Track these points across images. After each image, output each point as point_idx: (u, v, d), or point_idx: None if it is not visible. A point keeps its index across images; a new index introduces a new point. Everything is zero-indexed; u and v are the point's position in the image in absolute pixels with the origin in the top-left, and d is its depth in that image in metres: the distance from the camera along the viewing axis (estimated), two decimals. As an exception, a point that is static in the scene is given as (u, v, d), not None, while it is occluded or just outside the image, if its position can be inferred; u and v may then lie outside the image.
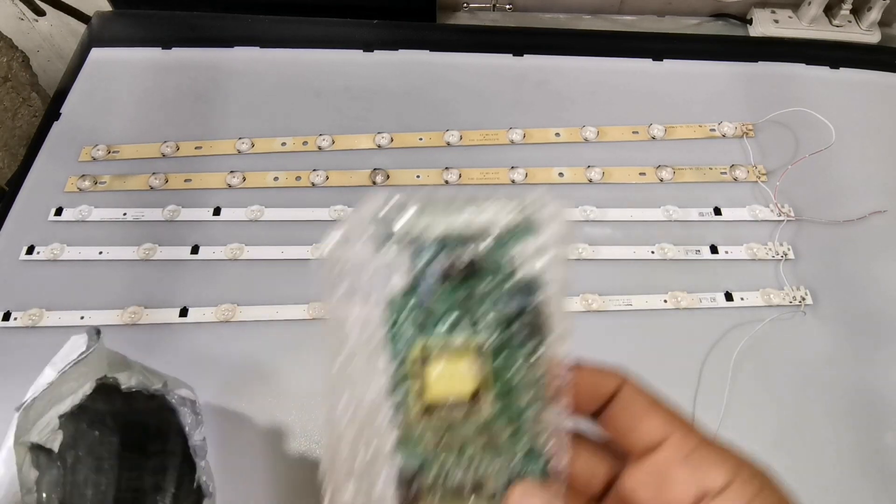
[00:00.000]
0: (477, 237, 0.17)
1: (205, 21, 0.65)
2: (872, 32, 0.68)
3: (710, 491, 0.15)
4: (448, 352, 0.17)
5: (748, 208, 0.53)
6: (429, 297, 0.17)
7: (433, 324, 0.17)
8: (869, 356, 0.47)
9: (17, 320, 0.46)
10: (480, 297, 0.17)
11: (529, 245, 0.17)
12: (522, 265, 0.17)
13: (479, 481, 0.17)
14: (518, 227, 0.17)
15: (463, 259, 0.17)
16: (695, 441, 0.17)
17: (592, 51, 0.63)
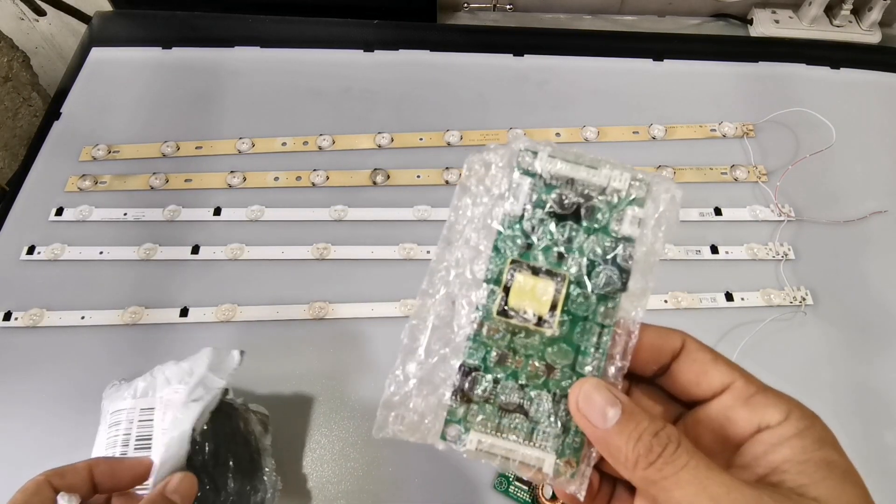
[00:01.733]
0: (593, 191, 0.20)
1: (205, 21, 0.65)
2: (873, 32, 0.68)
3: (769, 425, 0.18)
4: (536, 272, 0.20)
5: (748, 208, 0.53)
6: (537, 222, 0.20)
7: (531, 245, 0.20)
8: (869, 356, 0.47)
9: (17, 320, 0.46)
10: (578, 240, 0.20)
11: (634, 213, 0.20)
12: (622, 226, 0.20)
13: (524, 405, 0.19)
14: (629, 195, 0.20)
15: (573, 203, 0.20)
16: (754, 387, 0.19)
17: (593, 51, 0.63)
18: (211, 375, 0.36)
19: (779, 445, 0.18)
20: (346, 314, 0.47)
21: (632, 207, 0.20)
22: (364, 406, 0.44)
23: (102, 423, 0.39)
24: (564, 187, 0.20)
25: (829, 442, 0.18)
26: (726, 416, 0.19)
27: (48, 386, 0.44)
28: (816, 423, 0.18)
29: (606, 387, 0.19)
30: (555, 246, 0.20)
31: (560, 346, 0.20)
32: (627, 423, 0.18)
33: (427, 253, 0.50)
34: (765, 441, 0.18)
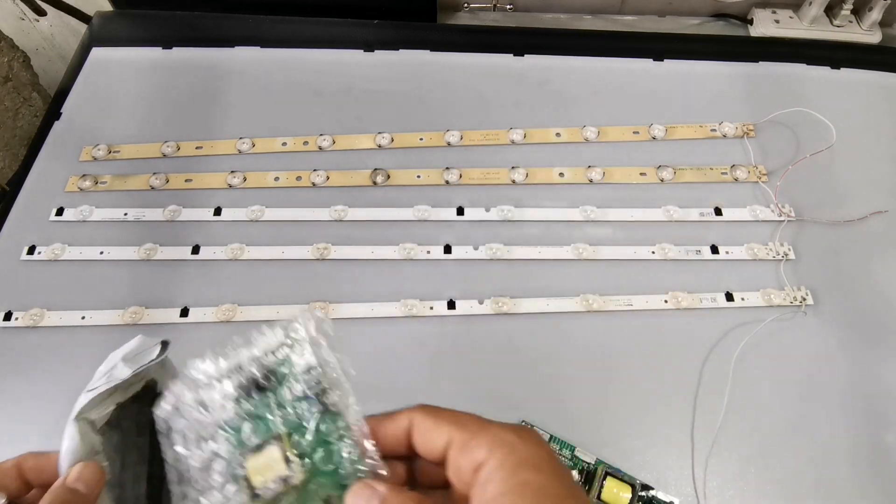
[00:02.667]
0: (260, 360, 0.23)
1: (206, 21, 0.65)
2: (873, 32, 0.67)
3: (479, 464, 0.19)
4: (258, 449, 0.22)
5: (749, 208, 0.53)
6: (234, 419, 0.22)
7: (241, 433, 0.22)
8: (870, 356, 0.47)
9: (18, 320, 0.47)
10: (273, 403, 0.22)
11: (297, 351, 0.23)
12: (294, 367, 0.22)
13: None
14: (286, 345, 0.23)
15: (247, 383, 0.22)
16: (468, 434, 0.20)
17: (593, 51, 0.63)
18: (121, 365, 0.35)
19: (489, 481, 0.19)
20: (346, 314, 0.47)
21: (295, 349, 0.23)
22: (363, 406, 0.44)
23: None
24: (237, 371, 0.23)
25: (528, 463, 0.19)
26: (456, 468, 0.20)
27: (48, 386, 0.44)
28: (516, 447, 0.19)
29: (367, 486, 0.20)
30: (263, 416, 0.22)
31: (318, 482, 0.21)
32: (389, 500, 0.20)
33: (427, 253, 0.50)
34: (481, 481, 0.19)
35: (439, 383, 0.45)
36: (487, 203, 0.53)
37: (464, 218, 0.52)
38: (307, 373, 0.23)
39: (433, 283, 0.49)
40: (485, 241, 0.51)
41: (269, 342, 0.23)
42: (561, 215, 0.52)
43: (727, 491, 0.41)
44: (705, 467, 0.42)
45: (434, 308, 0.48)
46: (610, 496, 0.40)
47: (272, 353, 0.23)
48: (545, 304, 0.48)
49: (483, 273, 0.49)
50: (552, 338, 0.47)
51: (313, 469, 0.21)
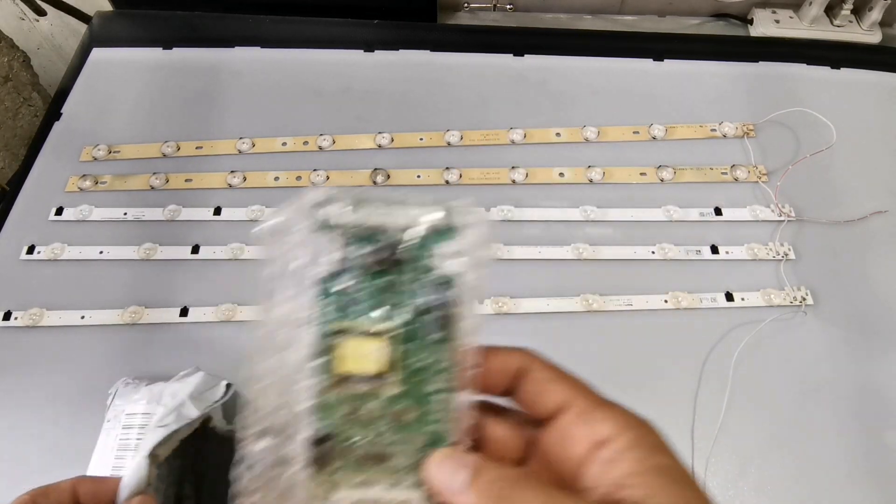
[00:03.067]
0: (403, 234, 0.19)
1: (206, 21, 0.65)
2: (873, 32, 0.67)
3: (604, 440, 0.18)
4: (362, 333, 0.19)
5: (749, 208, 0.53)
6: (353, 283, 0.19)
7: (353, 307, 0.19)
8: (869, 356, 0.46)
9: (17, 320, 0.46)
10: (399, 289, 0.19)
11: (449, 247, 0.19)
12: (440, 264, 0.19)
13: (383, 454, 0.19)
14: (440, 230, 0.19)
15: (386, 252, 0.19)
16: (591, 403, 0.19)
17: (593, 51, 0.63)
18: (189, 404, 0.37)
19: (616, 460, 0.18)
20: (346, 314, 0.47)
21: (443, 243, 0.19)
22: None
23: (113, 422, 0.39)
24: (370, 237, 0.19)
25: (662, 448, 0.18)
26: (568, 436, 0.19)
27: (48, 386, 0.44)
28: (648, 430, 0.19)
29: (452, 453, 0.19)
30: (374, 302, 0.19)
31: (404, 399, 0.19)
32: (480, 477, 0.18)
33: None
34: (603, 458, 0.18)
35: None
36: (487, 203, 0.53)
37: (464, 218, 0.52)
38: (444, 280, 0.19)
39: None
40: (485, 241, 0.50)
41: (417, 219, 0.19)
42: (561, 215, 0.52)
43: (727, 491, 0.41)
44: (705, 467, 0.42)
45: (434, 308, 0.47)
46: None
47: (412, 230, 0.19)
48: (545, 304, 0.48)
49: (483, 273, 0.49)
50: (552, 338, 0.47)
51: (406, 388, 0.19)
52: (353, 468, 0.19)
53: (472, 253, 0.19)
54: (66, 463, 0.40)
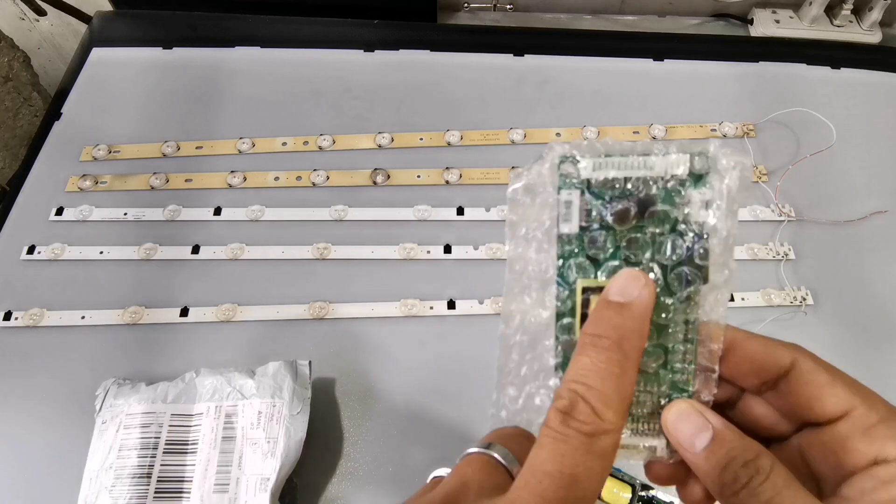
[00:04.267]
0: (651, 185, 0.18)
1: (206, 21, 0.65)
2: (873, 32, 0.67)
3: (886, 459, 0.17)
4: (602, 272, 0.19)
5: (749, 208, 0.53)
6: (598, 238, 0.19)
7: (599, 263, 0.19)
8: (870, 356, 0.46)
9: (17, 320, 0.46)
10: (644, 243, 0.18)
11: (701, 196, 0.18)
12: (689, 216, 0.18)
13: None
14: (691, 178, 0.18)
15: (633, 206, 0.18)
16: (877, 416, 0.17)
17: (593, 51, 0.63)
18: (299, 388, 0.40)
19: (891, 483, 0.16)
20: (346, 314, 0.47)
21: (697, 191, 0.18)
22: (363, 406, 0.44)
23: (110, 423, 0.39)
24: (619, 189, 0.18)
25: None
26: (841, 445, 0.18)
27: (48, 385, 0.44)
28: None
29: (697, 410, 0.18)
30: (623, 257, 0.19)
31: (649, 351, 0.19)
32: (716, 449, 0.17)
33: (427, 253, 0.50)
34: (878, 476, 0.17)
35: (439, 383, 0.45)
36: (487, 203, 0.53)
37: (464, 218, 0.52)
38: (698, 231, 0.18)
39: (433, 283, 0.49)
40: (485, 241, 0.51)
41: (665, 169, 0.18)
42: (561, 215, 0.52)
43: (727, 491, 0.41)
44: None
45: (434, 308, 0.47)
46: (610, 496, 0.40)
47: (662, 180, 0.18)
48: (545, 304, 0.48)
49: (483, 273, 0.49)
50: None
51: (655, 341, 0.19)
52: None
53: (730, 202, 0.18)
54: (66, 463, 0.40)
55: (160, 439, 0.38)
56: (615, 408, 0.17)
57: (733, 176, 0.18)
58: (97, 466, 0.38)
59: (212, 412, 0.39)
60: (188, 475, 0.38)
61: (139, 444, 0.38)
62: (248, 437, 0.39)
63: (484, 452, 0.20)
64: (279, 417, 0.39)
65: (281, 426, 0.39)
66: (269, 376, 0.41)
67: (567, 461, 0.16)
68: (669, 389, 0.19)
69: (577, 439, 0.16)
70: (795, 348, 0.19)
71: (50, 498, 0.40)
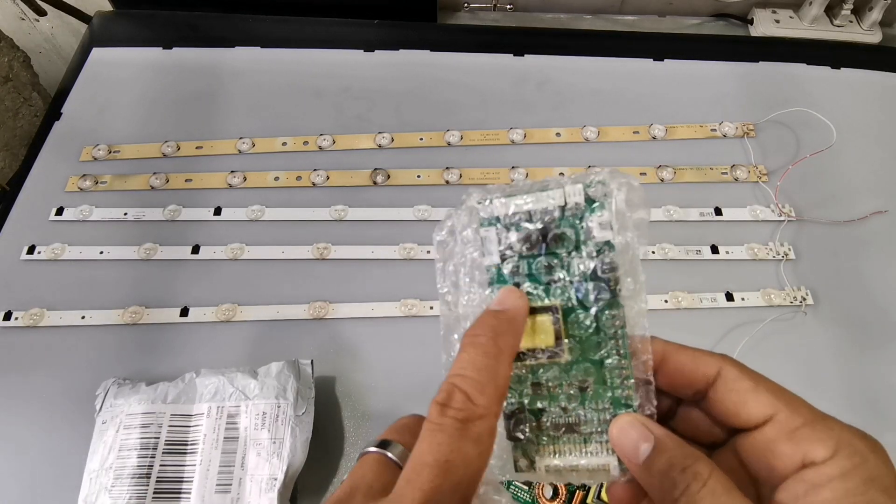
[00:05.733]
0: (555, 214, 0.20)
1: (206, 21, 0.65)
2: (873, 32, 0.67)
3: (813, 462, 0.17)
4: (532, 312, 0.20)
5: (749, 208, 0.53)
6: (517, 266, 0.21)
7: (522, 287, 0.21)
8: (870, 356, 0.46)
9: (18, 320, 0.47)
10: (559, 266, 0.20)
11: (599, 218, 0.20)
12: (592, 236, 0.20)
13: (573, 423, 0.20)
14: (588, 204, 0.20)
15: (539, 233, 0.20)
16: (801, 419, 0.18)
17: (593, 51, 0.63)
18: (303, 388, 0.40)
19: (820, 486, 0.17)
20: (346, 314, 0.47)
21: (595, 214, 0.20)
22: (363, 406, 0.44)
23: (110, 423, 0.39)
24: (525, 220, 0.21)
25: (880, 483, 0.16)
26: (768, 450, 0.18)
27: (48, 385, 0.44)
28: (869, 460, 0.17)
29: (639, 422, 0.19)
30: (539, 280, 0.20)
31: (580, 367, 0.20)
32: (656, 457, 0.18)
33: (427, 253, 0.50)
34: (807, 480, 0.17)
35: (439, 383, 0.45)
36: (487, 203, 0.53)
37: (464, 218, 0.52)
38: (600, 248, 0.20)
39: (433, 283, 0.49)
40: (485, 241, 0.50)
41: (565, 198, 0.20)
42: (561, 215, 0.52)
43: (727, 491, 0.41)
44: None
45: (434, 308, 0.47)
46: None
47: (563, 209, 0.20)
48: (545, 304, 0.48)
49: (483, 273, 0.49)
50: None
51: (580, 356, 0.20)
52: (546, 439, 0.21)
53: (622, 218, 0.20)
54: (66, 463, 0.41)
55: (160, 439, 0.38)
56: (489, 394, 0.18)
57: (619, 196, 0.20)
58: (97, 466, 0.38)
59: (213, 413, 0.39)
60: (188, 475, 0.38)
61: (139, 444, 0.38)
62: (252, 438, 0.39)
63: (378, 452, 0.21)
64: (284, 418, 0.39)
65: (286, 427, 0.39)
66: (273, 377, 0.41)
67: (443, 449, 0.17)
68: (613, 406, 0.20)
69: (451, 426, 0.17)
70: (722, 358, 0.20)
71: (50, 498, 0.40)
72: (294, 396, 0.40)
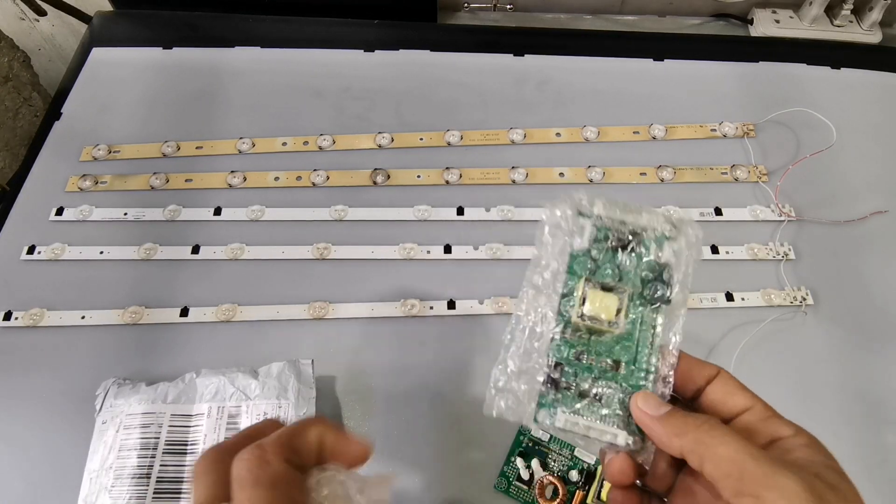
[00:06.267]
0: (638, 229, 0.26)
1: (206, 21, 0.65)
2: (873, 32, 0.68)
3: (782, 437, 0.23)
4: (604, 288, 0.25)
5: (749, 208, 0.53)
6: (599, 254, 0.26)
7: (597, 270, 0.26)
8: (870, 356, 0.46)
9: (18, 320, 0.46)
10: (631, 265, 0.26)
11: (670, 246, 0.26)
12: (662, 255, 0.26)
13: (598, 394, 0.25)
14: (665, 233, 0.26)
15: (625, 239, 0.26)
16: (770, 412, 0.24)
17: (593, 51, 0.63)
18: (304, 388, 0.40)
19: (792, 450, 0.22)
20: (346, 314, 0.47)
21: (669, 242, 0.26)
22: (363, 406, 0.44)
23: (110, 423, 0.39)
24: (618, 227, 0.26)
25: (830, 455, 0.23)
26: (746, 430, 0.23)
27: (48, 385, 0.44)
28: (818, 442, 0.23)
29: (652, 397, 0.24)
30: (615, 270, 0.26)
31: (624, 344, 0.25)
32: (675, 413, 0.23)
33: (427, 253, 0.50)
34: (781, 447, 0.22)
35: (439, 383, 0.45)
36: (487, 203, 0.53)
37: (464, 218, 0.52)
38: (665, 265, 0.26)
39: (433, 283, 0.49)
40: (485, 241, 0.51)
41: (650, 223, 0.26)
42: (561, 215, 0.52)
43: (727, 491, 0.41)
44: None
45: (434, 308, 0.48)
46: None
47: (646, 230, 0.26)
48: (545, 304, 0.48)
49: (483, 273, 0.49)
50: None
51: (630, 332, 0.25)
52: (573, 398, 0.25)
53: (689, 255, 0.26)
54: (66, 463, 0.40)
55: (160, 440, 0.38)
56: None
57: (690, 241, 0.26)
58: (97, 466, 0.38)
59: (213, 413, 0.39)
60: (188, 475, 0.38)
61: (139, 444, 0.38)
62: None
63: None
64: (286, 419, 0.39)
65: None
66: (273, 377, 0.41)
67: None
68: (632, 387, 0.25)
69: None
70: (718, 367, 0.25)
71: (50, 498, 0.40)
72: (295, 397, 0.40)
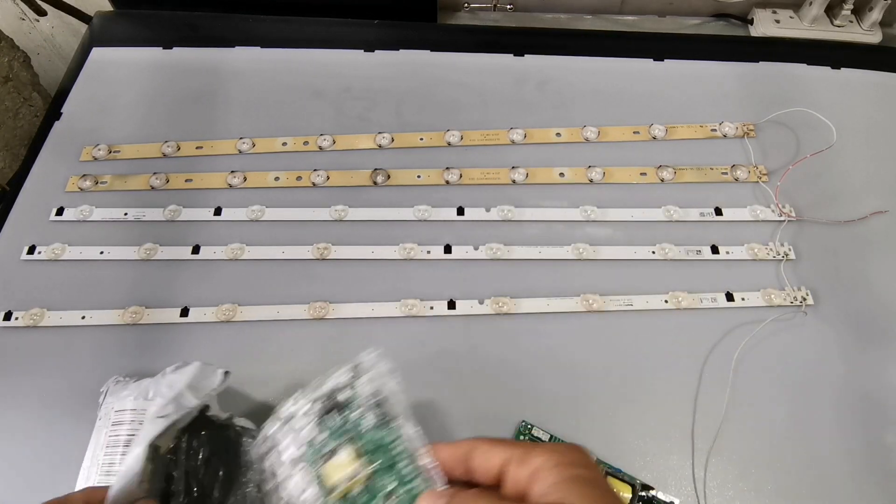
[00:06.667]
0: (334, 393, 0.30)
1: (206, 21, 0.65)
2: (874, 32, 0.68)
3: (537, 469, 0.24)
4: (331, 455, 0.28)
5: (749, 208, 0.53)
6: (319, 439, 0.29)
7: (321, 448, 0.29)
8: (870, 356, 0.46)
9: (18, 320, 0.47)
10: (347, 421, 0.29)
11: (363, 388, 0.30)
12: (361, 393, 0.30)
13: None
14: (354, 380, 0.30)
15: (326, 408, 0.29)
16: (524, 450, 0.25)
17: (593, 51, 0.63)
18: (187, 393, 0.37)
19: (544, 478, 0.24)
20: (346, 314, 0.47)
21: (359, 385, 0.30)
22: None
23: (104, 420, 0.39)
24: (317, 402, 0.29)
25: (578, 463, 0.24)
26: (514, 479, 0.25)
27: (48, 385, 0.44)
28: (572, 452, 0.25)
29: (433, 492, 0.26)
30: (336, 435, 0.29)
31: (381, 477, 0.27)
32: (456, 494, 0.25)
33: (427, 253, 0.50)
34: (537, 479, 0.24)
35: (439, 383, 0.45)
36: (487, 203, 0.53)
37: (464, 218, 0.52)
38: (371, 401, 0.29)
39: (433, 283, 0.49)
40: (485, 241, 0.51)
41: (340, 379, 0.30)
42: (561, 215, 0.52)
43: (727, 491, 0.41)
44: (705, 467, 0.42)
45: (434, 308, 0.48)
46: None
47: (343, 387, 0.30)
48: (545, 304, 0.48)
49: (483, 273, 0.49)
50: (552, 338, 0.47)
51: (377, 467, 0.27)
52: None
53: (372, 381, 0.30)
54: (66, 463, 0.40)
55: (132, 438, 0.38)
56: None
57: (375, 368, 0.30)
58: (88, 464, 0.38)
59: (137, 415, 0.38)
60: None
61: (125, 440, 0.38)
62: None
63: None
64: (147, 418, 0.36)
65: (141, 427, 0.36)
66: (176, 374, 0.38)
67: None
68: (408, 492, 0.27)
69: None
70: (469, 440, 0.27)
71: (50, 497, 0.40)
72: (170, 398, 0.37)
